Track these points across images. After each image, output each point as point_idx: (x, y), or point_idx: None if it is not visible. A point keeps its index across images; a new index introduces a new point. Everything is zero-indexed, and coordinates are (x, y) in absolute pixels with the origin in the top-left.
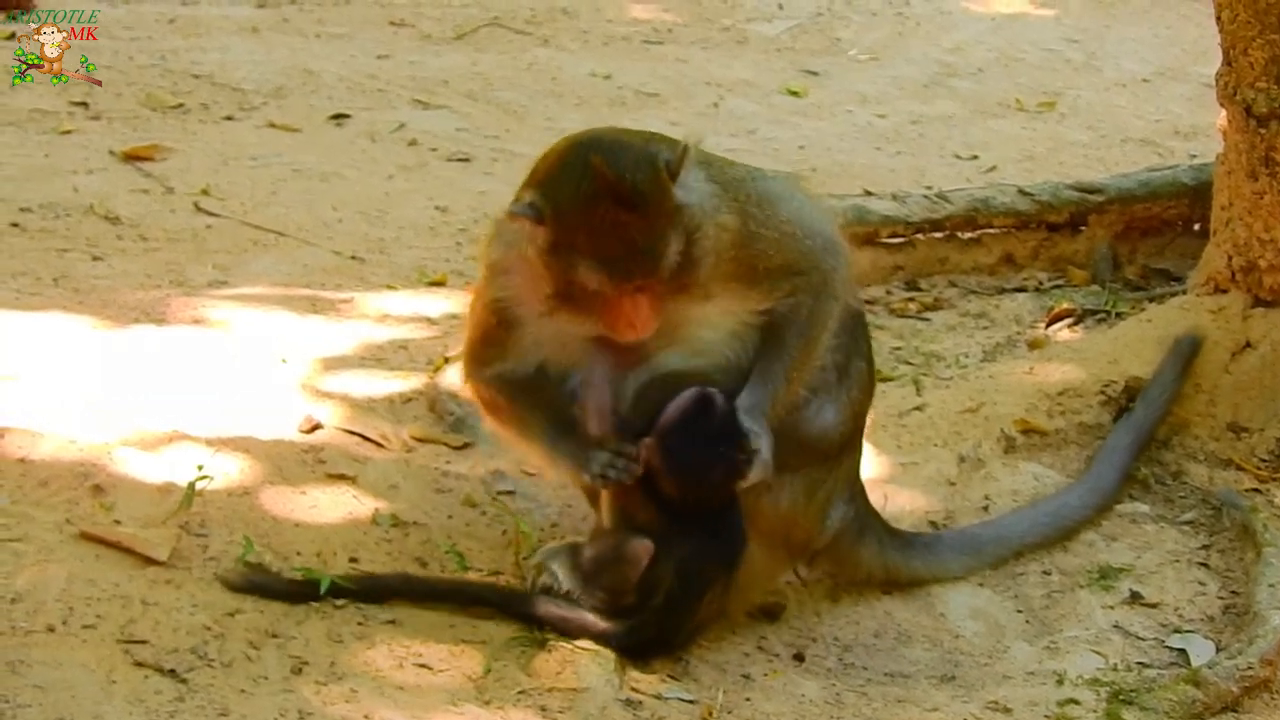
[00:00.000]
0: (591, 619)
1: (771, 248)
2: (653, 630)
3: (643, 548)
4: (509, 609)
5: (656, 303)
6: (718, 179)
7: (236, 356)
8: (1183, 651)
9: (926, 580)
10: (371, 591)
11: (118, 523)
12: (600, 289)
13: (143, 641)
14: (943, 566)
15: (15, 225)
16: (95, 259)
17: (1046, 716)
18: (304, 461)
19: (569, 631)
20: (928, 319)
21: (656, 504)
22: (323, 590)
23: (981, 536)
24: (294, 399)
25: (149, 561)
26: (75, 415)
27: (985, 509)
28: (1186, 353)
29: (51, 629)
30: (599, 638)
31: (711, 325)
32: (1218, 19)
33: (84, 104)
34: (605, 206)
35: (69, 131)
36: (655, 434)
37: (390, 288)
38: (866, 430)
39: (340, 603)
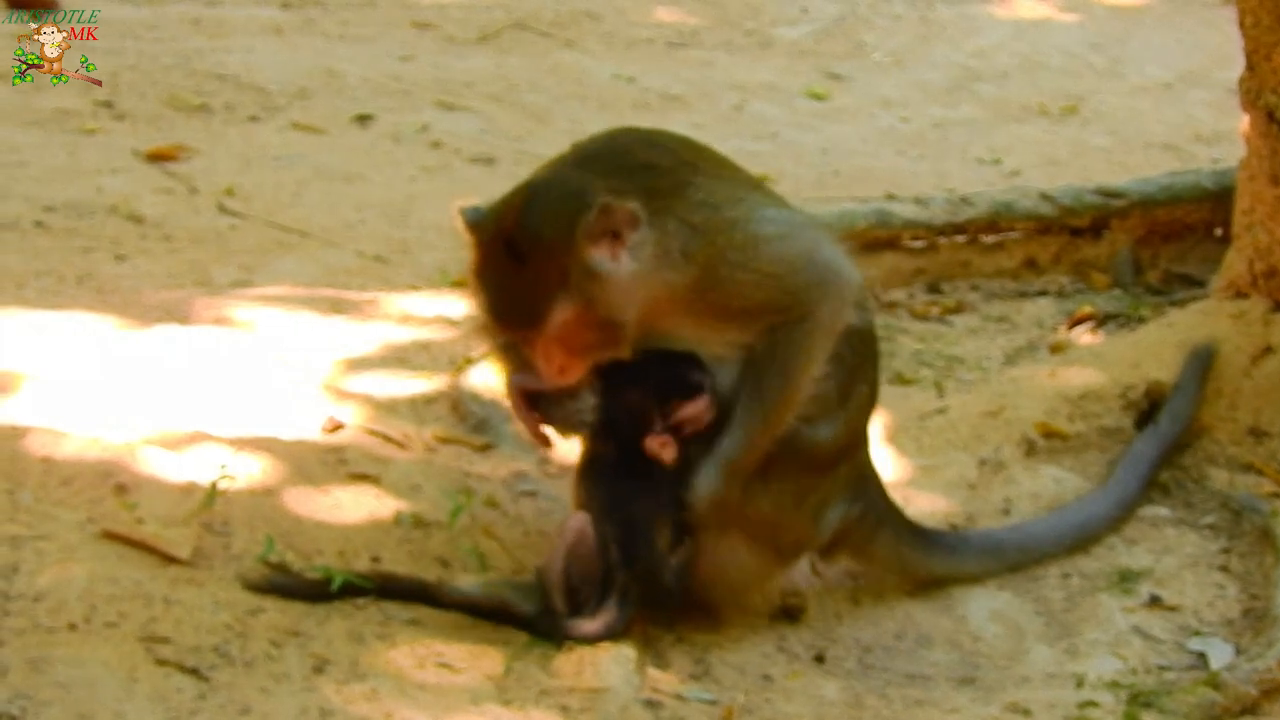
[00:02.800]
0: (584, 624)
1: (747, 289)
2: (635, 599)
3: (576, 522)
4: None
5: (564, 354)
6: (700, 224)
7: (259, 356)
8: (1202, 655)
9: (946, 579)
10: (386, 592)
11: (140, 521)
12: (489, 330)
13: (165, 640)
14: (963, 567)
15: (39, 224)
16: (119, 259)
17: (1066, 718)
18: (326, 461)
19: (572, 638)
20: (949, 322)
21: (592, 477)
22: (335, 586)
23: (1006, 541)
24: (316, 399)
25: (171, 560)
26: (98, 414)
27: (1006, 512)
28: (1203, 362)
29: (73, 627)
30: (597, 637)
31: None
32: (1241, 24)
33: (108, 104)
34: (496, 250)
35: (93, 131)
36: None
37: (413, 288)
38: (887, 433)
39: (361, 602)
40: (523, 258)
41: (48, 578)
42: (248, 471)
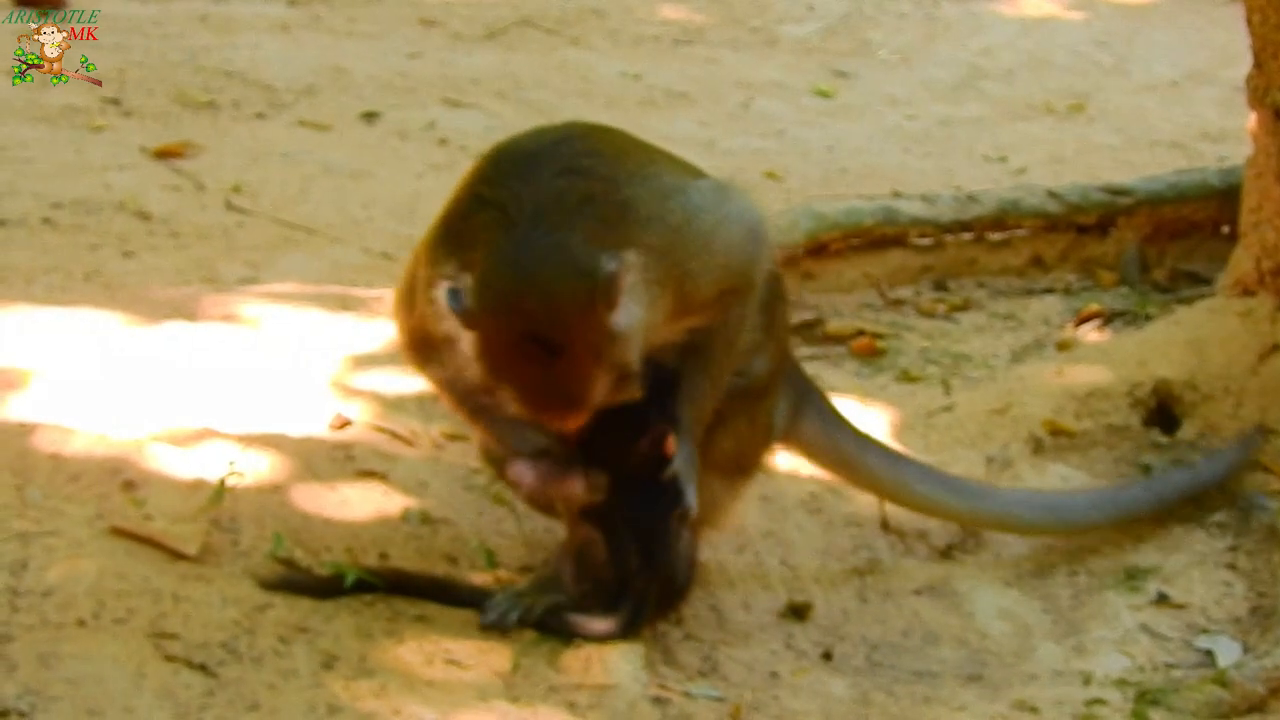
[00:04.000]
0: (597, 623)
1: (708, 286)
2: (653, 597)
3: (586, 531)
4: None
5: (585, 414)
6: (658, 245)
7: (266, 353)
8: (1209, 652)
9: (886, 491)
10: (392, 588)
11: (148, 518)
12: (522, 411)
13: (173, 636)
14: (905, 486)
15: (47, 221)
16: (126, 255)
17: (1073, 716)
18: (334, 458)
19: (585, 637)
20: (956, 320)
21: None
22: (348, 583)
23: (967, 489)
24: (324, 396)
25: (179, 556)
26: (106, 411)
27: None
28: (1253, 443)
29: (82, 623)
30: (612, 635)
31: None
32: (1248, 22)
33: (115, 101)
34: (529, 347)
35: (100, 128)
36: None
37: None
38: (894, 431)
39: (369, 599)
40: (558, 350)
41: (56, 574)
42: (255, 468)
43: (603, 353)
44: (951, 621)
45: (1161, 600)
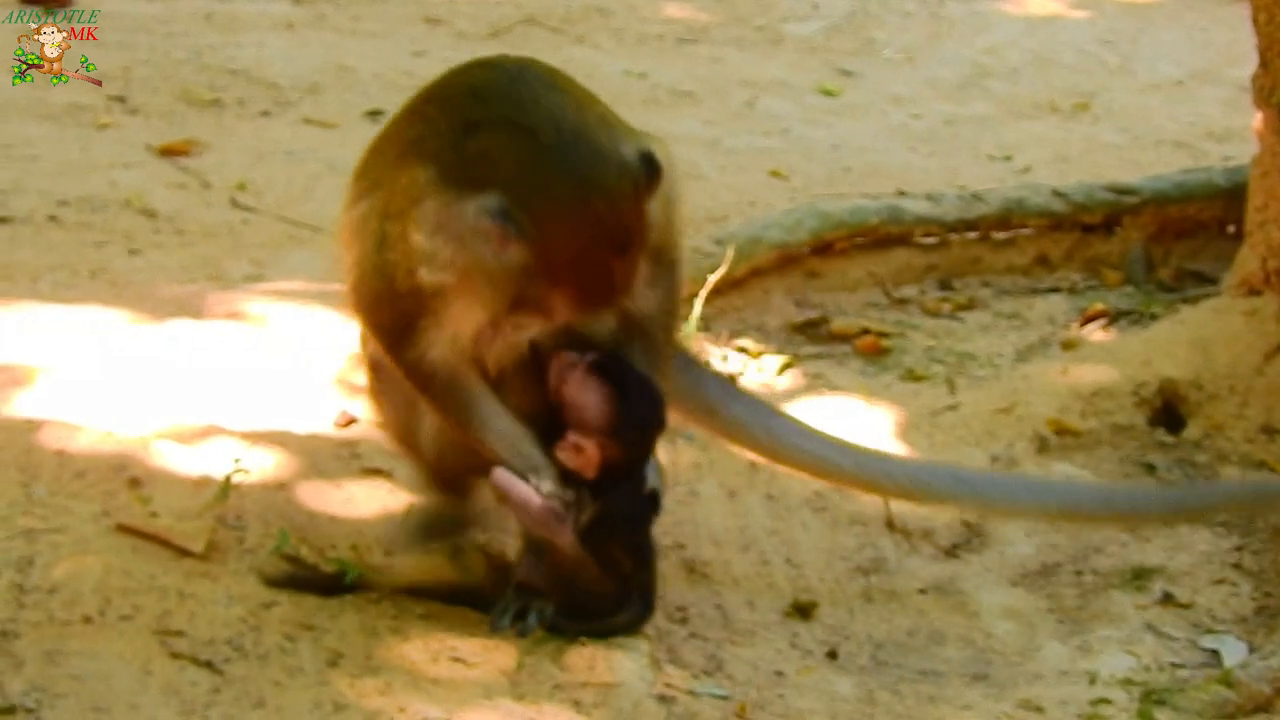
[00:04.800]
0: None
1: (674, 219)
2: (650, 590)
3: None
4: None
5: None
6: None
7: (272, 351)
8: (1215, 652)
9: (753, 443)
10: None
11: (154, 515)
12: (564, 313)
13: (179, 633)
14: (778, 440)
15: (53, 219)
16: (132, 253)
17: (1079, 716)
18: (339, 456)
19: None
20: (961, 319)
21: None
22: (349, 579)
23: (859, 455)
24: (329, 394)
25: (185, 554)
26: (112, 408)
27: None
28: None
29: (88, 620)
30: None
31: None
32: (1254, 21)
33: (121, 99)
34: (598, 251)
35: (106, 126)
36: (600, 425)
37: None
38: (899, 430)
39: (374, 596)
40: (624, 249)
41: (62, 571)
42: (261, 466)
43: (646, 242)
44: (957, 620)
45: (1167, 600)
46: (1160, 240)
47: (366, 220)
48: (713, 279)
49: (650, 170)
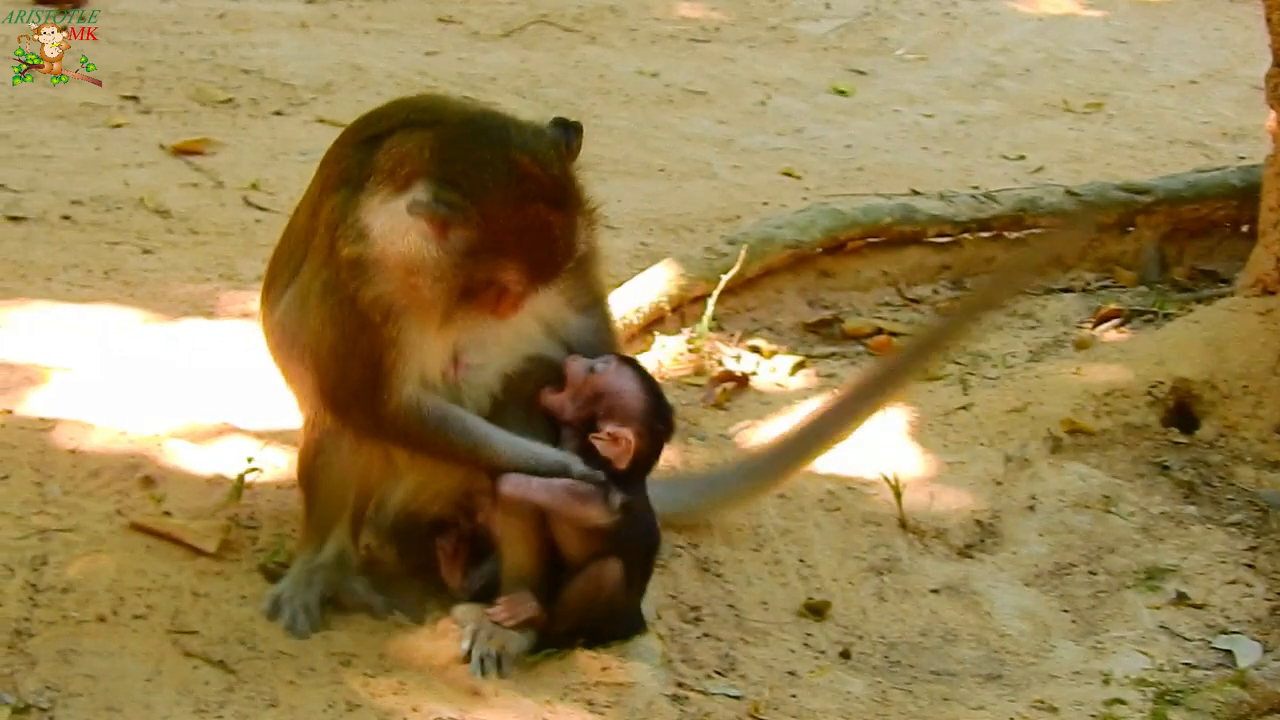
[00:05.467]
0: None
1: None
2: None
3: (611, 568)
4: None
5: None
6: None
7: None
8: (1229, 652)
9: None
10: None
11: (167, 514)
12: (517, 288)
13: (192, 632)
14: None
15: (66, 218)
16: (145, 252)
17: (1092, 716)
18: None
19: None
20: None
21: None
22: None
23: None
24: None
25: (198, 553)
26: (125, 407)
27: (1031, 508)
28: None
29: (102, 619)
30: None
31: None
32: (1267, 20)
33: (134, 98)
34: (537, 209)
35: (120, 125)
36: (638, 414)
37: None
38: (912, 430)
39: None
40: (563, 205)
41: (76, 570)
42: (274, 465)
43: (583, 207)
44: (970, 620)
45: (1181, 600)
46: (1174, 240)
47: (298, 298)
48: (725, 278)
49: (568, 132)
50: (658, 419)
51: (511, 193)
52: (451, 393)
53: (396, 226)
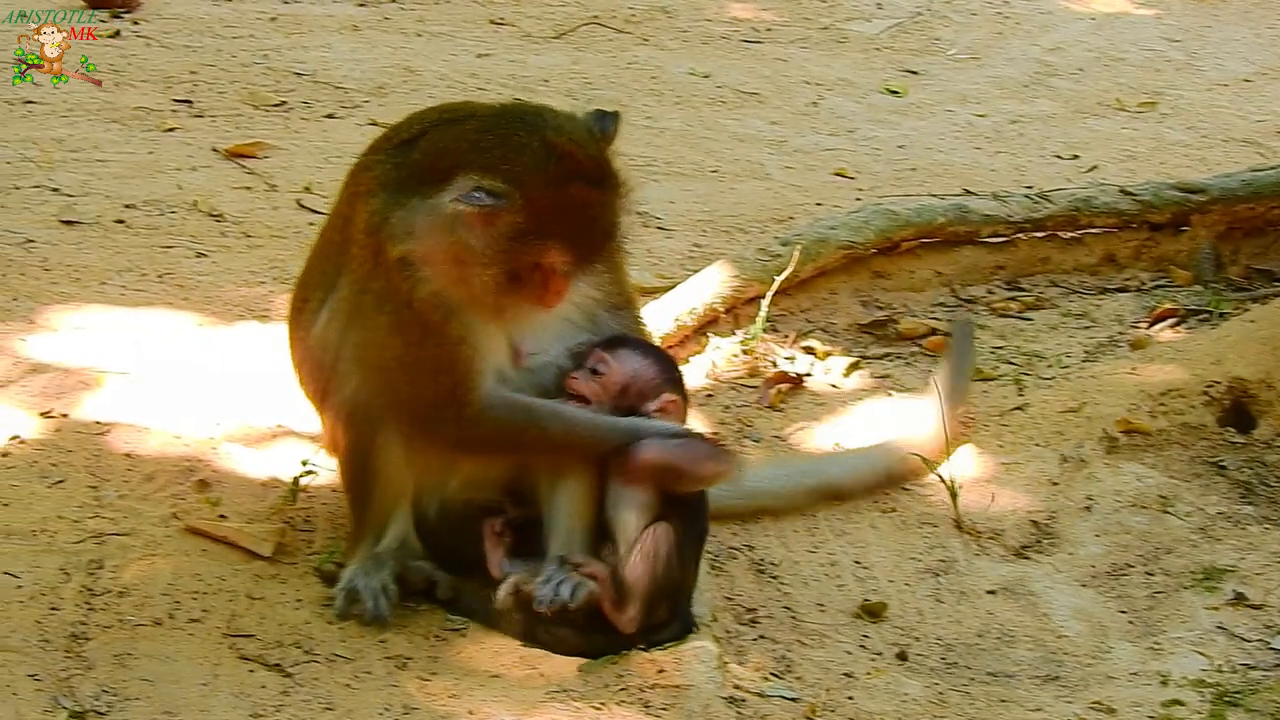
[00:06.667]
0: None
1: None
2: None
3: (660, 532)
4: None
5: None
6: None
7: None
8: None
9: None
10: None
11: (223, 518)
12: (563, 269)
13: (248, 636)
14: None
15: (120, 222)
16: (199, 255)
17: (1150, 717)
18: None
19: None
20: (1029, 318)
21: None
22: (439, 593)
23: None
24: None
25: (254, 556)
26: (180, 411)
27: (1088, 509)
28: None
29: (158, 623)
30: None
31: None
32: None
33: (187, 102)
34: (578, 188)
35: (173, 129)
36: (664, 379)
37: None
38: (968, 429)
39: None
40: (603, 184)
41: (132, 573)
42: (329, 467)
43: (621, 189)
44: (1027, 621)
45: (1239, 600)
46: (1229, 239)
47: (342, 314)
48: (779, 280)
49: (604, 119)
50: (674, 368)
51: (550, 174)
52: (516, 385)
53: (441, 220)
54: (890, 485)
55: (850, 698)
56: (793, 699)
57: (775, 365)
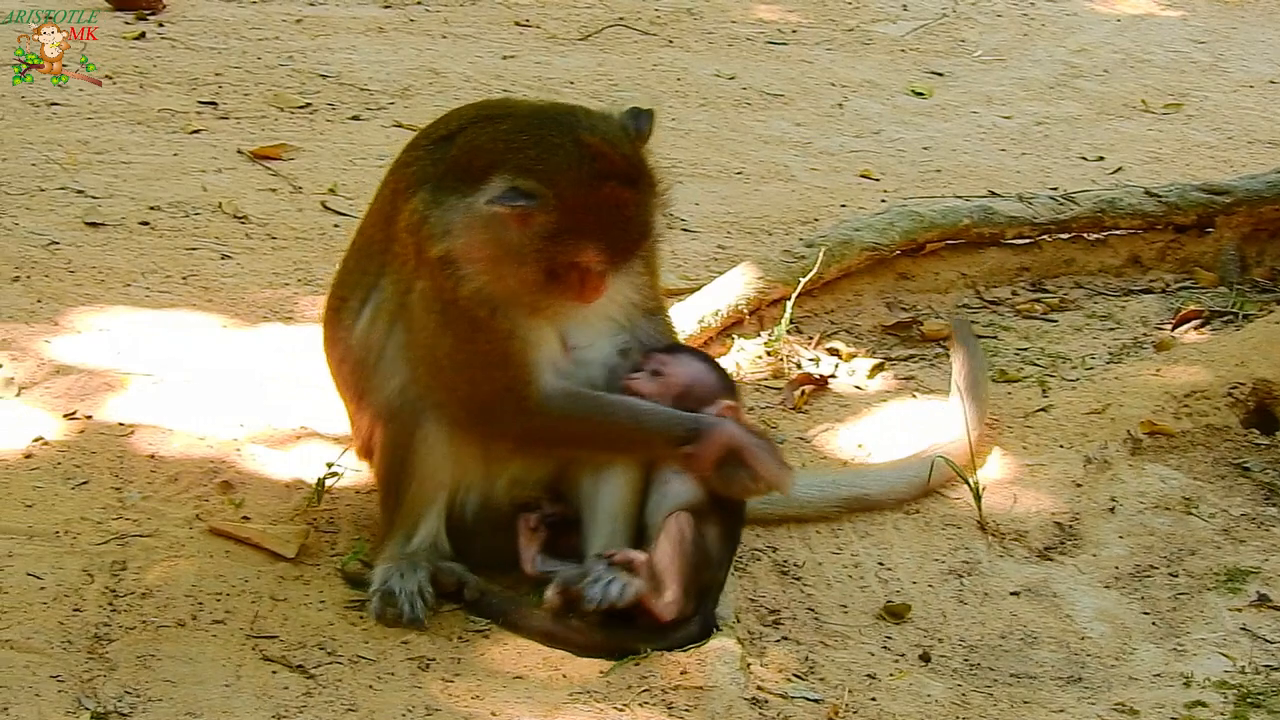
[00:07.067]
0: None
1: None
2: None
3: (683, 517)
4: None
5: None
6: None
7: None
8: None
9: None
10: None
11: (246, 519)
12: (598, 267)
13: (271, 637)
14: None
15: (145, 224)
16: (224, 257)
17: (1173, 719)
18: None
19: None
20: (1054, 320)
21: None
22: (467, 594)
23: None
24: None
25: (277, 558)
26: (204, 412)
27: (1111, 510)
28: None
29: (181, 624)
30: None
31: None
32: None
33: (212, 103)
34: (611, 187)
35: (198, 131)
36: (723, 386)
37: None
38: (992, 431)
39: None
40: (636, 183)
41: (155, 575)
42: (353, 469)
43: (656, 187)
44: (1050, 623)
45: (1262, 602)
46: (1254, 240)
47: (386, 313)
48: (804, 281)
49: (639, 118)
50: (729, 377)
51: (584, 173)
52: (568, 379)
53: (477, 219)
54: (923, 496)
55: (873, 699)
56: (815, 700)
57: (800, 367)
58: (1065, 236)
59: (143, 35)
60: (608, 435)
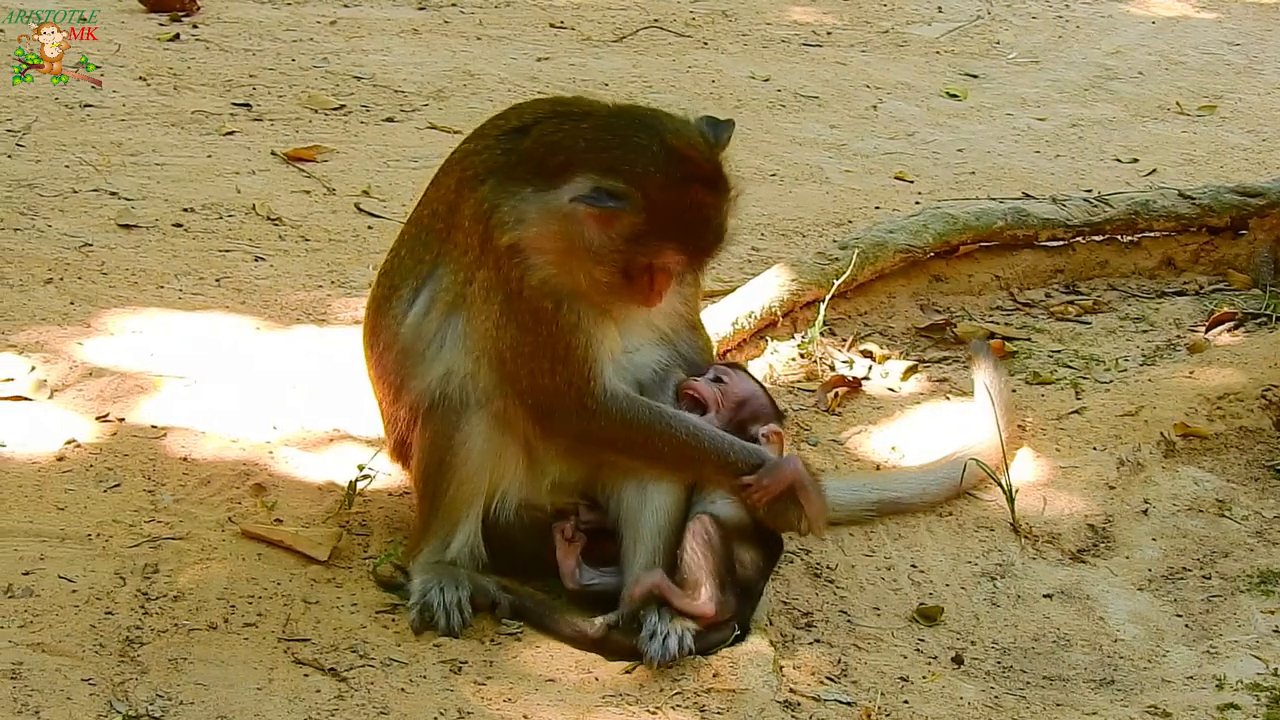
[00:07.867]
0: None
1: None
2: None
3: (704, 520)
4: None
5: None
6: None
7: None
8: None
9: None
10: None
11: (279, 522)
12: (676, 269)
13: (304, 640)
14: None
15: (178, 225)
16: (257, 259)
17: None
18: None
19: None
20: (1087, 322)
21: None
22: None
23: None
24: None
25: (310, 560)
26: (237, 414)
27: (1144, 513)
28: None
29: (213, 627)
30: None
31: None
32: None
33: (246, 105)
34: (697, 191)
35: (231, 133)
36: (774, 411)
37: None
38: (1026, 433)
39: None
40: (719, 187)
41: (187, 577)
42: (386, 471)
43: (732, 192)
44: (1083, 625)
45: None
46: None
47: (444, 304)
48: (838, 283)
49: (717, 127)
50: (777, 405)
51: (671, 176)
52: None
53: (556, 214)
54: (955, 498)
55: (906, 702)
56: (848, 703)
57: (833, 369)
58: (1099, 238)
59: (177, 37)
60: (664, 448)
